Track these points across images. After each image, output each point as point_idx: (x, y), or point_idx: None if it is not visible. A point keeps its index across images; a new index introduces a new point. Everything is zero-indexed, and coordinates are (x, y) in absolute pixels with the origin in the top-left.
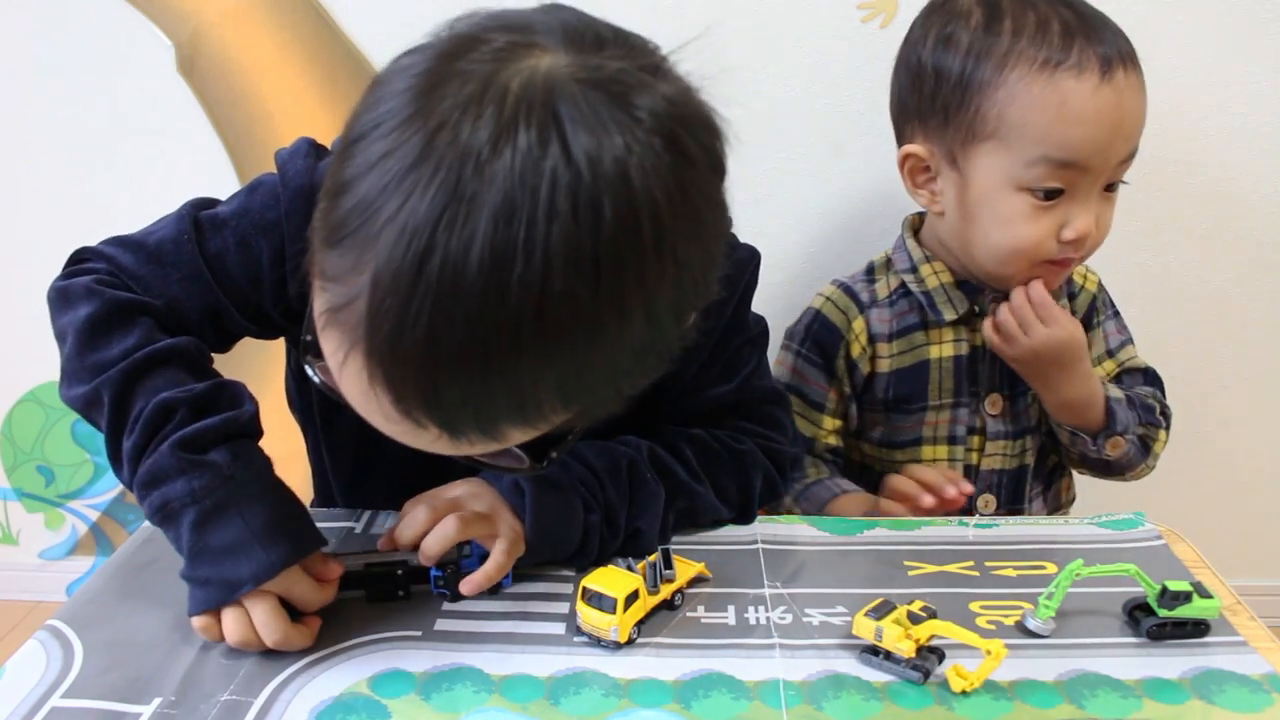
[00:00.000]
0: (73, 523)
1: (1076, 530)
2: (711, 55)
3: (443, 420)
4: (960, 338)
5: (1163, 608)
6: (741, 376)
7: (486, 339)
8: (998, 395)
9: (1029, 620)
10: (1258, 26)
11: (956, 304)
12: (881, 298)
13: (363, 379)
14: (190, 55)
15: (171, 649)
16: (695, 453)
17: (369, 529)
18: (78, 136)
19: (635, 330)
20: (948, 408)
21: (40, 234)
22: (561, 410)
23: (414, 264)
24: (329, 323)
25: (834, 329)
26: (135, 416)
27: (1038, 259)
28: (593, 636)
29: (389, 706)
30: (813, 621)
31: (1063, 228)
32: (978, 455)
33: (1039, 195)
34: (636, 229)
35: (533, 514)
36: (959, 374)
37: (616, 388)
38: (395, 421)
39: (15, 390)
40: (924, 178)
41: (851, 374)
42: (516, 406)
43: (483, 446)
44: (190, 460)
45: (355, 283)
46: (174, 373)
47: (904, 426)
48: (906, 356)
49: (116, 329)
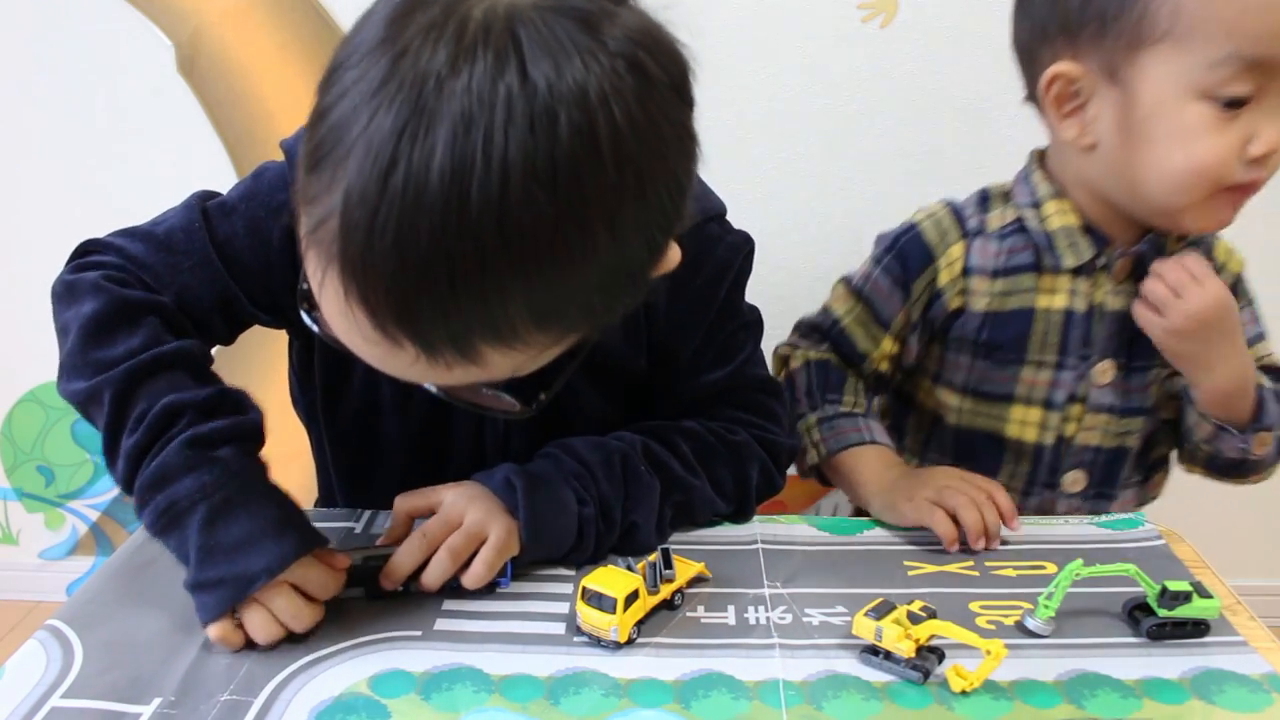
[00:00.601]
0: (73, 523)
1: (1076, 530)
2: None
3: (417, 336)
4: (1076, 289)
5: (1163, 608)
6: (736, 362)
7: (451, 247)
8: (1110, 364)
9: (1029, 620)
10: None
11: (1080, 250)
12: (992, 229)
13: (340, 297)
14: (190, 55)
15: (171, 649)
16: (690, 446)
17: (369, 529)
18: (78, 136)
19: (599, 246)
20: (1049, 367)
21: (40, 234)
22: (535, 331)
23: (379, 177)
24: (309, 245)
25: (926, 249)
26: (138, 417)
27: (1219, 183)
28: (593, 636)
29: (389, 706)
30: (813, 621)
31: (1248, 143)
32: (1074, 426)
33: (1222, 104)
34: (594, 142)
35: (525, 509)
36: (1068, 331)
37: (589, 308)
38: (374, 343)
39: (15, 390)
40: (1071, 105)
41: (930, 303)
42: (488, 322)
43: (462, 371)
44: (200, 457)
45: (329, 201)
46: (178, 376)
47: (994, 378)
48: (1009, 299)
49: (122, 327)
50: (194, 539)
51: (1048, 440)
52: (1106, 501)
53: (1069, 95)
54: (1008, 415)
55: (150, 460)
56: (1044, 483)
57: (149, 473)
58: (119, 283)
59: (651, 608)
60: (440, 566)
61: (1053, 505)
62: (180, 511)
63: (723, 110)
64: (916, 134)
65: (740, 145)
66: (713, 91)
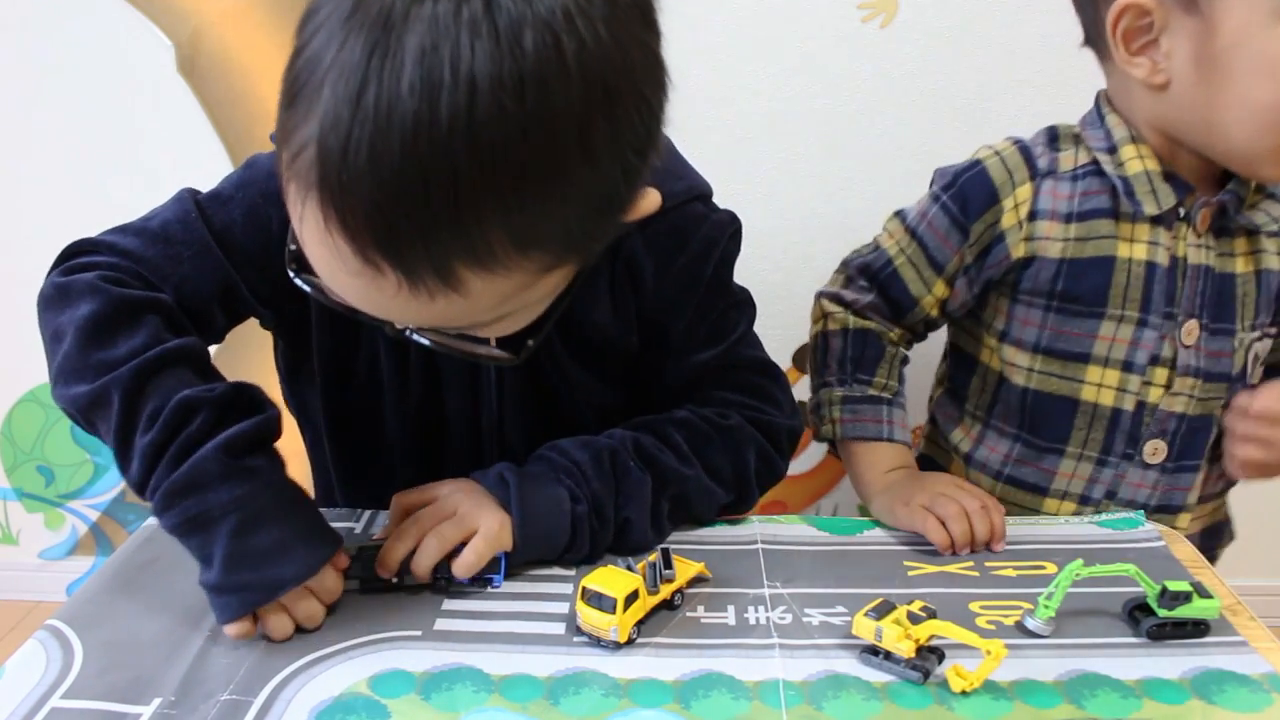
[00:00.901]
0: (73, 523)
1: (1076, 530)
2: (712, 55)
3: (397, 259)
4: (1157, 241)
5: (1163, 608)
6: (728, 342)
7: (424, 162)
8: (1195, 323)
9: (1028, 620)
10: None
11: (1162, 197)
12: (1064, 169)
13: (320, 227)
14: (190, 55)
15: (171, 649)
16: (684, 436)
17: (369, 528)
18: (78, 137)
19: (571, 162)
20: (1131, 323)
21: (40, 234)
22: (514, 253)
23: (351, 99)
24: (289, 180)
25: (991, 188)
26: (151, 415)
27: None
28: (592, 636)
29: (389, 706)
30: (813, 621)
31: None
32: (1159, 391)
33: None
34: (560, 56)
35: (518, 503)
36: (1151, 285)
37: (567, 233)
38: (356, 274)
39: (15, 390)
40: (1142, 40)
41: (990, 247)
42: (465, 242)
43: (445, 302)
44: (235, 467)
45: (305, 131)
46: (184, 373)
47: (1070, 334)
48: (1087, 246)
49: (123, 327)
50: (222, 544)
51: (1127, 405)
52: (1188, 475)
53: (1140, 29)
54: (1083, 376)
55: (172, 459)
56: (1122, 453)
57: (180, 477)
58: (115, 282)
59: (651, 608)
60: (428, 552)
61: (1123, 479)
62: (212, 519)
63: (723, 110)
64: (916, 134)
65: (740, 145)
66: (713, 91)
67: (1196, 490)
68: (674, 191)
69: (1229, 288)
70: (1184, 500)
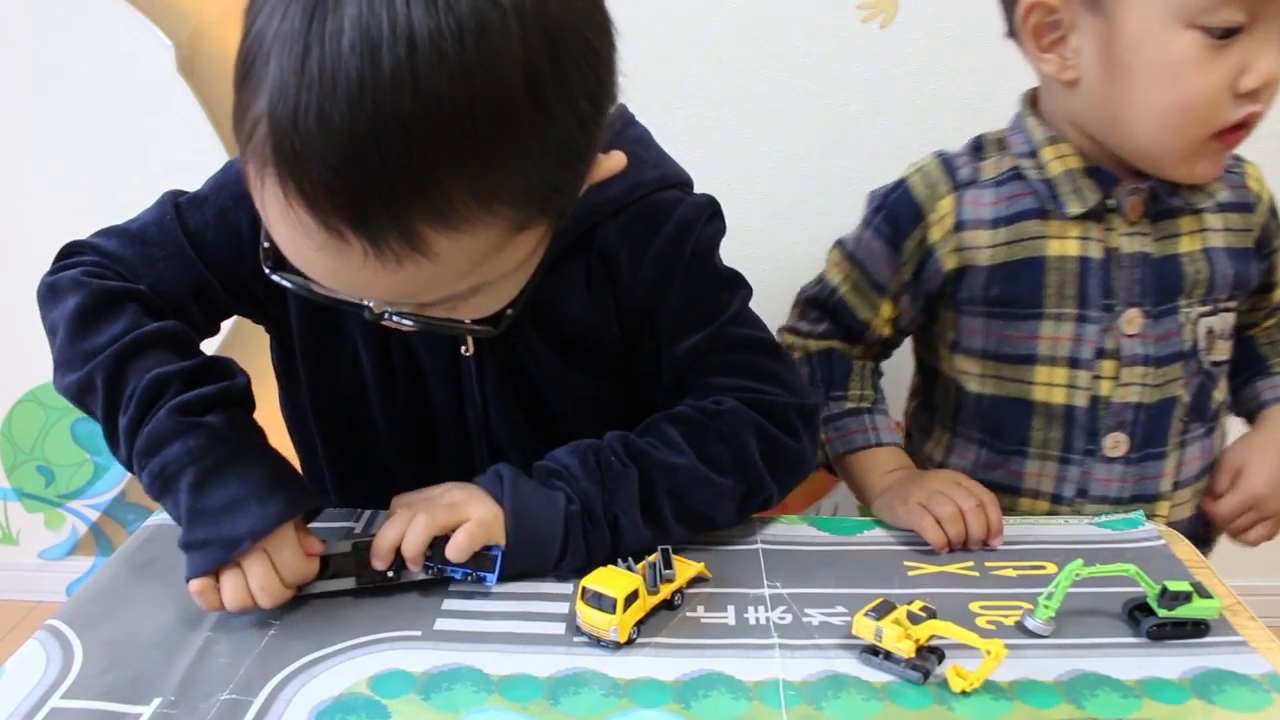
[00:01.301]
0: (73, 523)
1: (1076, 530)
2: (712, 55)
3: (359, 224)
4: (1089, 235)
5: (1163, 608)
6: (717, 323)
7: (373, 120)
8: (1137, 311)
9: (1028, 620)
10: None
11: (1085, 195)
12: (987, 177)
13: (280, 202)
14: (190, 55)
15: (171, 649)
16: (678, 430)
17: (369, 528)
18: (77, 136)
19: (520, 110)
20: (1070, 320)
21: (40, 234)
22: (476, 207)
23: (296, 67)
24: (247, 160)
25: (916, 205)
26: (129, 394)
27: (1208, 123)
28: (592, 636)
29: (389, 706)
30: (813, 621)
31: (1241, 75)
32: (1109, 384)
33: (1213, 33)
34: (497, 5)
35: (510, 497)
36: (1085, 280)
37: (528, 186)
38: (322, 246)
39: (15, 390)
40: (1051, 37)
41: (924, 262)
42: (426, 202)
43: (414, 267)
44: (187, 423)
45: (257, 106)
46: (163, 353)
47: (1012, 338)
48: (1017, 249)
49: (105, 316)
50: (184, 500)
51: (1080, 402)
52: (1155, 463)
53: (1049, 26)
54: (1033, 378)
55: (142, 429)
56: (1083, 449)
57: (141, 440)
58: (97, 276)
59: (651, 608)
60: (417, 529)
61: (1090, 476)
62: (171, 475)
63: (723, 110)
64: (916, 134)
65: (740, 145)
66: (713, 91)
67: (1170, 477)
68: (647, 180)
69: (1173, 269)
70: (1158, 489)
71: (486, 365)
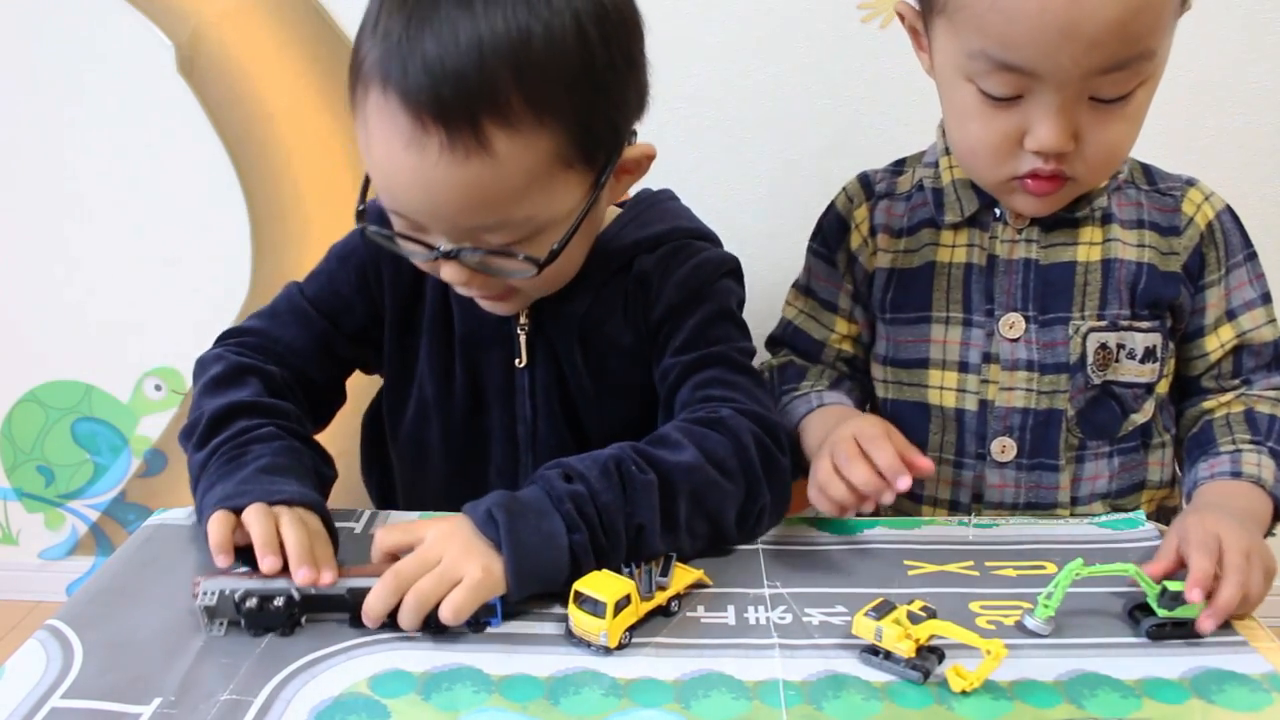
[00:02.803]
0: (73, 523)
1: (1076, 530)
2: (712, 56)
3: (438, 111)
4: (974, 243)
5: (1163, 607)
6: (724, 346)
7: (455, 38)
8: (1018, 316)
9: (1028, 620)
10: (1257, 26)
11: (964, 204)
12: (901, 190)
13: (380, 103)
14: (190, 55)
15: (171, 649)
16: (684, 433)
17: (369, 528)
18: (77, 137)
19: (569, 47)
20: (957, 324)
21: (40, 234)
22: (529, 115)
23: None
24: (356, 102)
25: (841, 218)
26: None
27: (999, 170)
28: (583, 641)
29: (389, 706)
30: (813, 621)
31: (1025, 134)
32: (994, 389)
33: (988, 96)
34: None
35: (509, 544)
36: (969, 286)
37: (569, 101)
38: (407, 142)
39: (15, 390)
40: (919, 42)
41: (853, 268)
42: (490, 99)
43: (479, 165)
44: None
45: (367, 48)
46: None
47: (906, 342)
48: (914, 256)
49: (233, 383)
50: (243, 472)
51: (970, 405)
52: (1050, 474)
53: (913, 31)
54: (927, 381)
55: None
56: (974, 453)
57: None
58: (237, 353)
59: (645, 613)
60: (409, 613)
61: (984, 480)
62: (243, 450)
63: (723, 110)
64: (916, 134)
65: (740, 145)
66: (713, 91)
67: (1066, 490)
68: (684, 228)
69: (1063, 278)
70: (1055, 499)
71: (539, 375)
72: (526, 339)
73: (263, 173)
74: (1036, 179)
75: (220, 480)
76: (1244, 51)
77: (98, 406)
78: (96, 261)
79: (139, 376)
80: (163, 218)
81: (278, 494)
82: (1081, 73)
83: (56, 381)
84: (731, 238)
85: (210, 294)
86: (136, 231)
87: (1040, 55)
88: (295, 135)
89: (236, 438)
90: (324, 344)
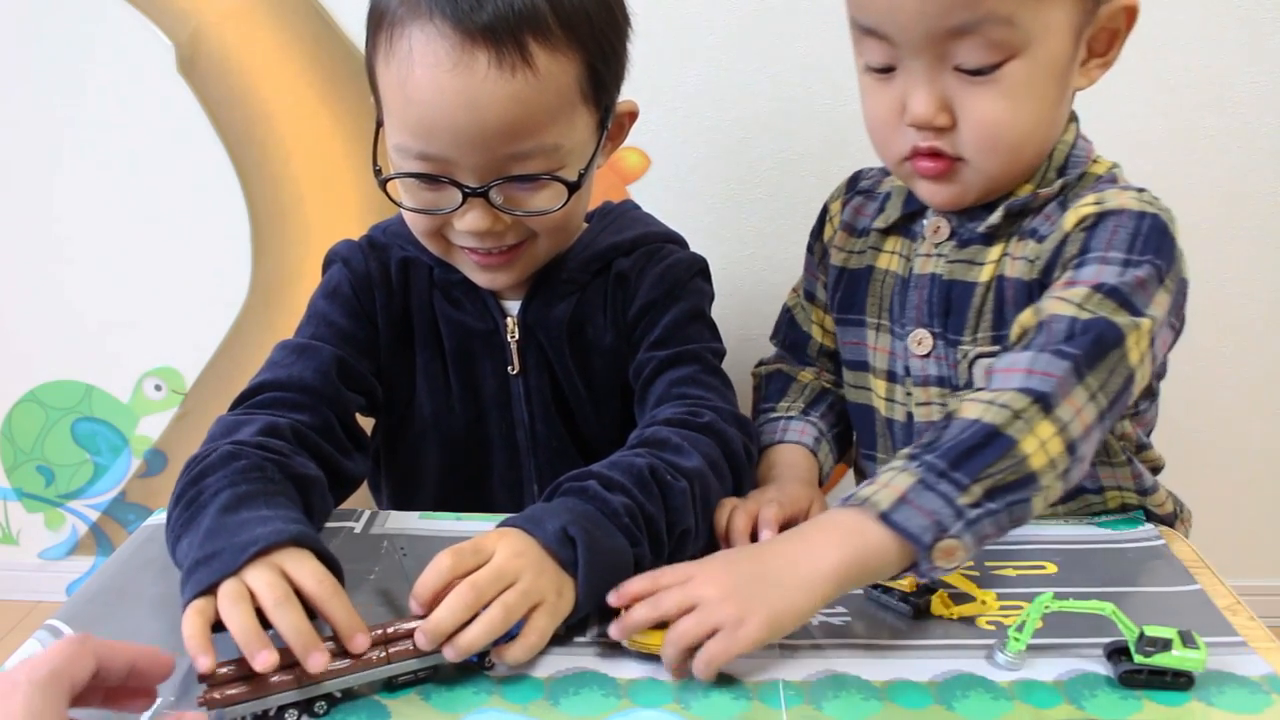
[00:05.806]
0: (73, 523)
1: (1077, 530)
2: (712, 55)
3: (487, 31)
4: (901, 252)
5: (1139, 654)
6: (699, 345)
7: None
8: (925, 333)
9: (998, 655)
10: (1257, 26)
11: (890, 211)
12: (881, 190)
13: (424, 35)
14: (190, 55)
15: (171, 649)
16: (682, 439)
17: (368, 529)
18: (77, 137)
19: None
20: (886, 333)
21: (40, 234)
22: (561, 31)
23: None
24: (380, 44)
25: (825, 210)
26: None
27: (891, 148)
28: (641, 654)
29: (389, 706)
30: (813, 621)
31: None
32: (914, 402)
33: (870, 69)
34: None
35: (587, 564)
36: (893, 295)
37: (589, 27)
38: (453, 65)
39: (15, 390)
40: None
41: (825, 260)
42: (532, 18)
43: (523, 79)
44: (240, 467)
45: (399, 24)
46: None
47: (850, 344)
48: (861, 258)
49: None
50: (207, 522)
51: (898, 416)
52: None
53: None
54: (869, 385)
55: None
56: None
57: (196, 469)
58: (234, 415)
59: None
60: (490, 624)
61: None
62: (202, 500)
63: (723, 110)
64: None
65: (740, 145)
66: (713, 91)
67: None
68: (655, 233)
69: (963, 297)
70: None
71: (532, 381)
72: (517, 346)
73: (263, 173)
74: (922, 157)
75: (185, 532)
76: (1244, 51)
77: (98, 406)
78: (96, 261)
79: (139, 376)
80: (163, 218)
81: (250, 545)
82: (926, 32)
83: (56, 381)
84: (731, 238)
85: (211, 294)
86: (136, 232)
87: (882, 13)
88: (295, 135)
89: (194, 476)
90: (339, 370)
